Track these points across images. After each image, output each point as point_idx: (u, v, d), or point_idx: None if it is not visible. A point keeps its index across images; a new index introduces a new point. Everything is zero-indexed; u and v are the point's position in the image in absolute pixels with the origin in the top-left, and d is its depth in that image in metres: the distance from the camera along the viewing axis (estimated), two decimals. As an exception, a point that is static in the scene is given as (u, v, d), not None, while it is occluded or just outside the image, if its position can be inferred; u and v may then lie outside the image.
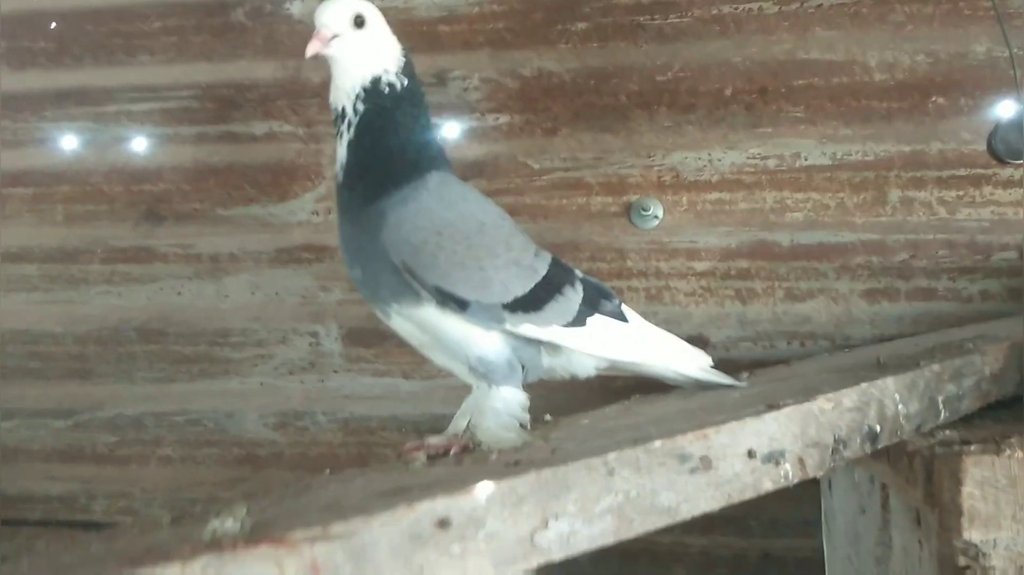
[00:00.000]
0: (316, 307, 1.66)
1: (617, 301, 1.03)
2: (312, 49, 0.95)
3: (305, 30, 1.63)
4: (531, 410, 1.01)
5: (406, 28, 1.59)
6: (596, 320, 0.98)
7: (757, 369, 1.42)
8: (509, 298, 0.91)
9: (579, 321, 0.96)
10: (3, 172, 1.74)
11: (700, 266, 1.55)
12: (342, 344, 1.65)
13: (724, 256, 1.55)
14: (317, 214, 1.65)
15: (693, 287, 1.56)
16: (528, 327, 0.93)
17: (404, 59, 0.98)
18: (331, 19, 0.94)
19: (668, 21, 1.55)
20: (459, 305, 0.89)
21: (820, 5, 1.52)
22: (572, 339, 0.96)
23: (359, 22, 0.95)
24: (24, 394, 1.75)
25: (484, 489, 0.59)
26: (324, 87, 1.62)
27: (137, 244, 1.70)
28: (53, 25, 1.74)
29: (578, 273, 1.02)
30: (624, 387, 1.56)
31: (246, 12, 1.67)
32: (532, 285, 0.93)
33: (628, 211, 1.57)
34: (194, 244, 1.69)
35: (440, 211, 0.92)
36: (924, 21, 1.50)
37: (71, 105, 1.73)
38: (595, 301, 0.99)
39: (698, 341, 1.53)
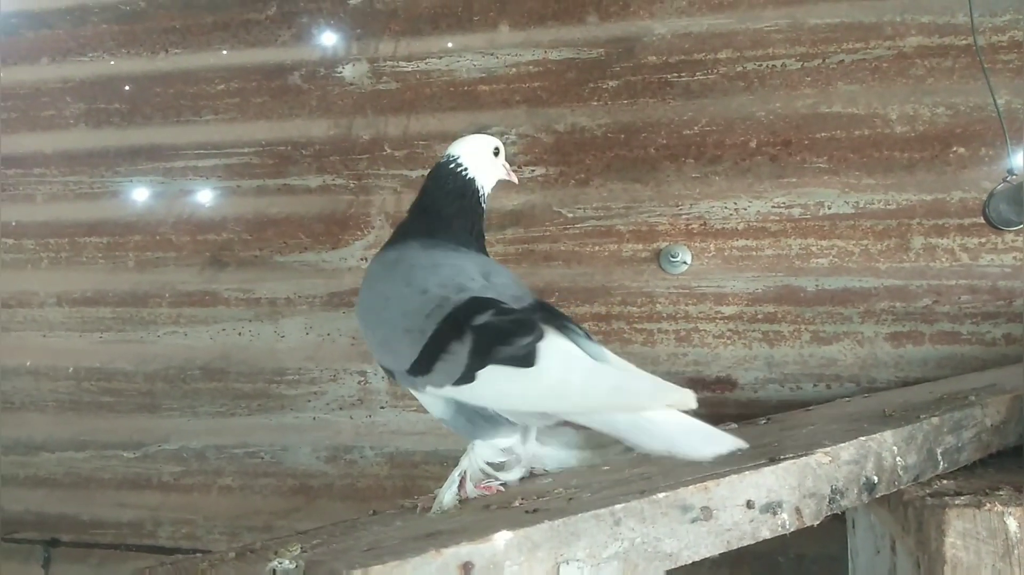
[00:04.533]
0: (365, 348, 1.76)
1: (527, 340, 0.87)
2: None
3: (356, 91, 1.78)
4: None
5: (449, 88, 1.73)
6: (488, 372, 0.88)
7: (781, 412, 1.49)
8: (408, 364, 0.94)
9: (467, 377, 0.89)
10: (81, 223, 1.91)
11: (728, 310, 1.62)
12: (388, 382, 1.75)
13: (751, 300, 1.61)
14: (366, 260, 1.76)
15: (721, 330, 1.62)
16: (430, 389, 0.94)
17: None
18: None
19: (695, 78, 1.64)
20: (391, 376, 0.99)
21: (842, 61, 1.59)
22: (464, 395, 0.91)
23: None
24: (97, 427, 1.89)
25: (503, 537, 0.68)
26: (373, 144, 1.78)
27: (202, 289, 1.84)
28: (127, 88, 1.90)
29: (480, 319, 0.91)
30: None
31: (302, 75, 1.81)
32: (420, 348, 0.93)
33: (658, 257, 1.64)
34: (254, 289, 1.82)
35: (365, 298, 1.04)
36: (944, 75, 1.56)
37: (142, 161, 1.89)
38: (488, 349, 0.88)
39: (726, 383, 1.60)
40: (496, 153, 1.21)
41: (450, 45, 1.74)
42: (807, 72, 1.60)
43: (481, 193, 1.17)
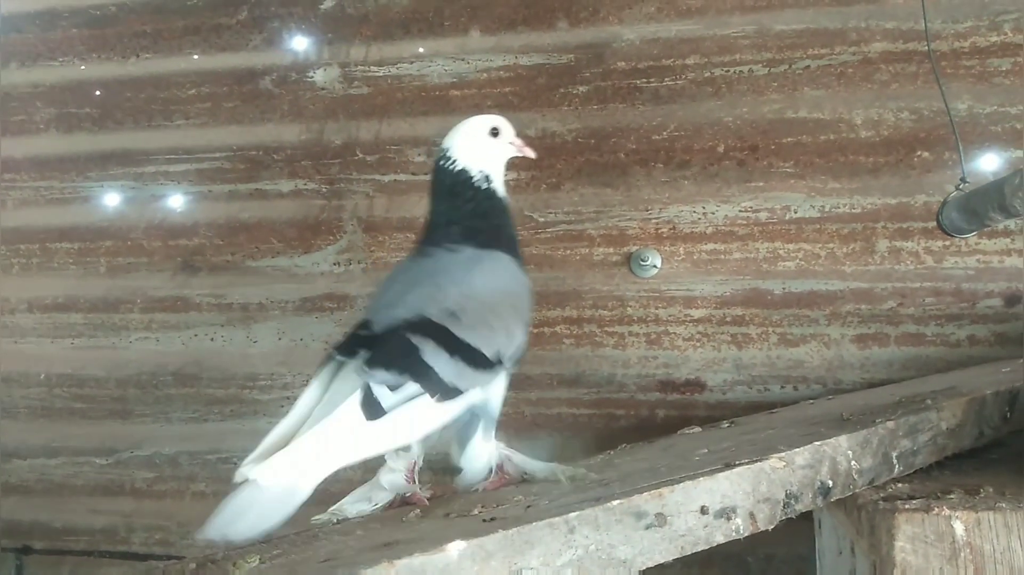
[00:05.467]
0: (338, 352, 1.76)
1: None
2: None
3: (327, 96, 1.78)
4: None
5: (420, 93, 1.73)
6: None
7: (749, 414, 1.51)
8: None
9: None
10: (52, 228, 1.90)
11: (697, 313, 1.63)
12: (361, 387, 1.75)
13: (719, 303, 1.63)
14: (339, 265, 1.77)
15: (691, 332, 1.64)
16: None
17: None
18: None
19: (663, 84, 1.65)
20: None
21: (808, 66, 1.61)
22: None
23: None
24: (69, 433, 1.88)
25: (456, 547, 0.68)
26: (345, 149, 1.78)
27: (174, 294, 1.84)
28: (97, 93, 1.89)
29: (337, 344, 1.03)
30: (627, 427, 1.66)
31: (273, 80, 1.81)
32: None
33: (628, 261, 1.66)
34: (226, 294, 1.82)
35: None
36: (908, 80, 1.58)
37: (113, 166, 1.88)
38: None
39: (695, 385, 1.62)
40: (495, 133, 1.14)
41: (421, 50, 1.74)
42: (774, 78, 1.62)
43: (476, 180, 1.10)
